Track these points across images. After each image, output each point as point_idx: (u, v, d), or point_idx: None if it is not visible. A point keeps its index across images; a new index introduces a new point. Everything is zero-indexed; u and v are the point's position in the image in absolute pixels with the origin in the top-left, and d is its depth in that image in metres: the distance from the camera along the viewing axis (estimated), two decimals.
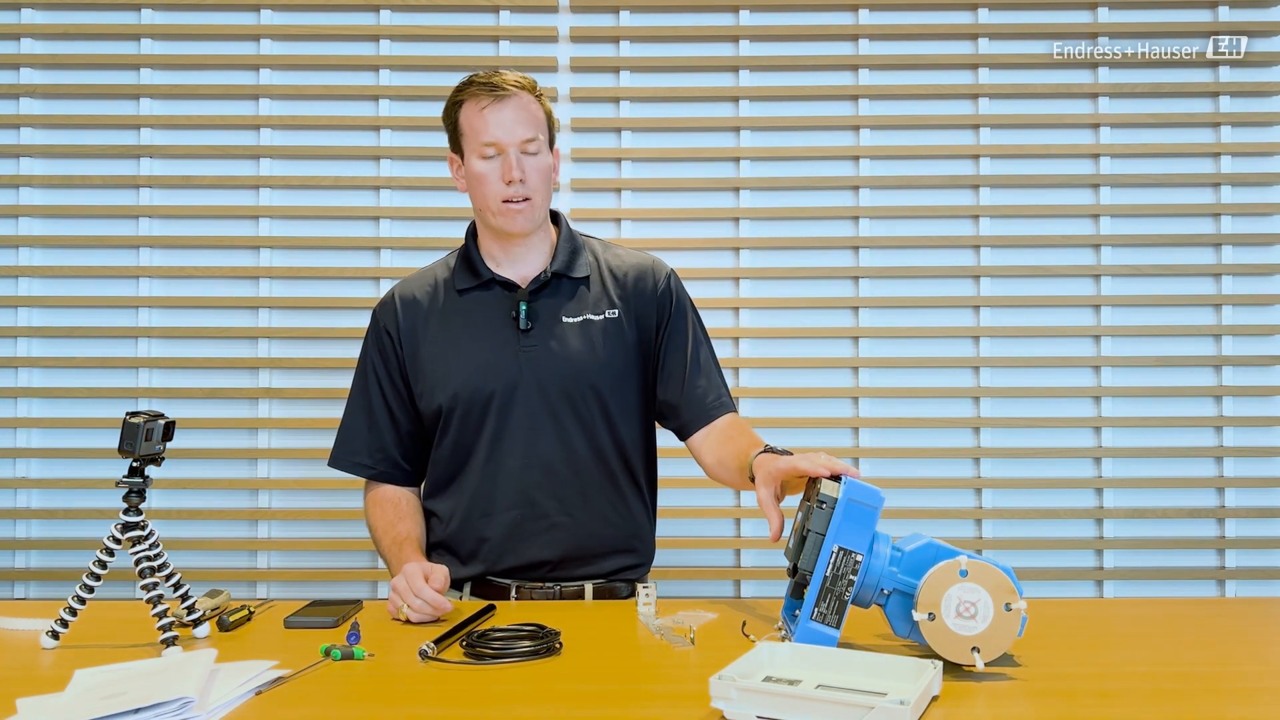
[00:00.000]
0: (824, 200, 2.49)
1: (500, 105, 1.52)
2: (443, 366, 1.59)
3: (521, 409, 1.56)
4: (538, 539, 1.57)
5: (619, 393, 1.60)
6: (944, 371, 2.46)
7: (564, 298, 1.60)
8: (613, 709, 0.99)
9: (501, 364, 1.56)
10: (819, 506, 1.11)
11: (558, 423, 1.57)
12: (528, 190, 1.54)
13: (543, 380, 1.56)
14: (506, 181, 1.52)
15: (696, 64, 2.50)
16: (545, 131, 1.58)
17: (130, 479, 1.22)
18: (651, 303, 1.63)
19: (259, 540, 2.43)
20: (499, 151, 1.53)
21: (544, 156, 1.57)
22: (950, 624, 1.07)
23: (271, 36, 2.49)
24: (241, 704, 0.99)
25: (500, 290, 1.61)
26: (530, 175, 1.53)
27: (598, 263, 1.65)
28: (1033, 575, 2.40)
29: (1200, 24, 2.47)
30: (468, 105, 1.55)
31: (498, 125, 1.52)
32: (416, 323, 1.63)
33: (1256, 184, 2.48)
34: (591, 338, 1.58)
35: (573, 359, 1.57)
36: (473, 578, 1.61)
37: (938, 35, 2.50)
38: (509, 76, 1.55)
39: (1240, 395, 2.44)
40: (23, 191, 2.47)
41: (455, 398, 1.57)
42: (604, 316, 1.60)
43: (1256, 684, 1.08)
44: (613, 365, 1.59)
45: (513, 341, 1.57)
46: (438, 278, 1.66)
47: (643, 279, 1.64)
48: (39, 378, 2.46)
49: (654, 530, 1.71)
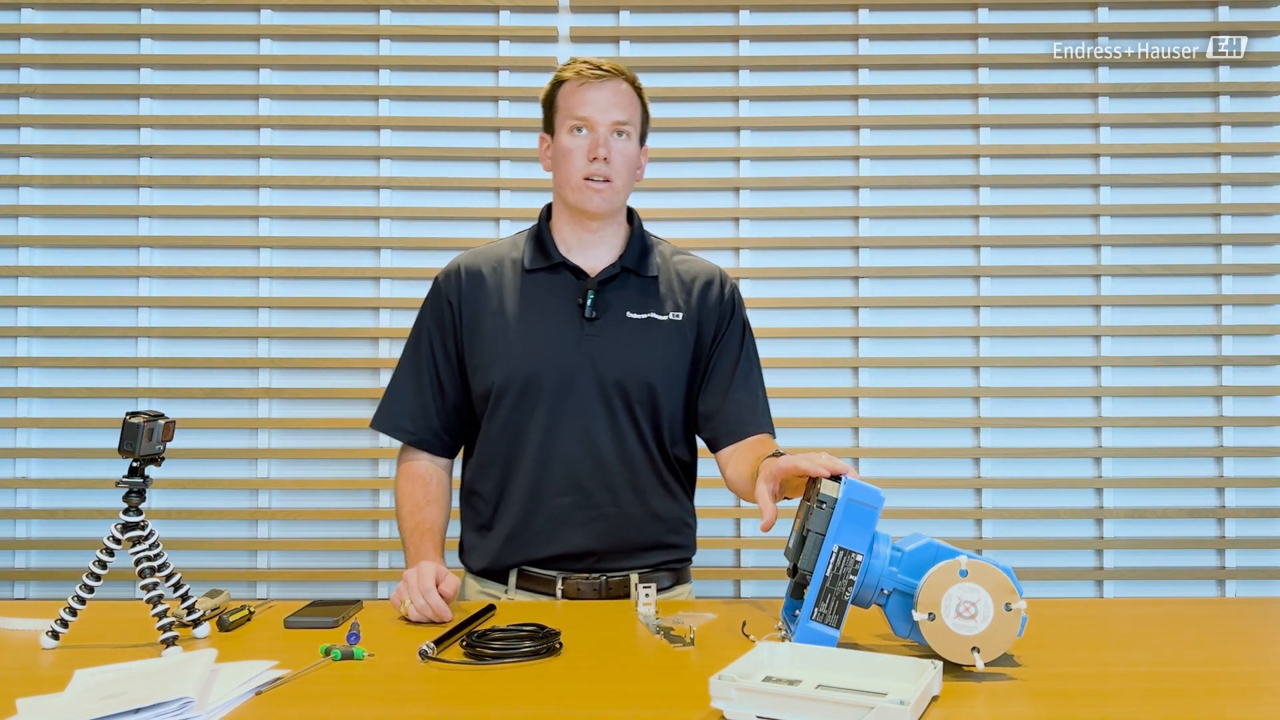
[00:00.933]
0: (824, 200, 2.49)
1: (599, 84, 1.54)
2: (502, 344, 1.58)
3: (578, 397, 1.55)
4: (585, 527, 1.56)
5: (673, 393, 1.60)
6: (944, 371, 2.46)
7: (631, 293, 1.60)
8: (613, 709, 0.99)
9: (563, 349, 1.56)
10: (819, 506, 1.11)
11: (612, 415, 1.56)
12: (610, 171, 1.54)
13: (601, 371, 1.56)
14: (590, 159, 1.53)
15: (696, 64, 2.50)
16: (639, 122, 1.59)
17: (130, 479, 1.22)
18: (714, 311, 1.63)
19: (259, 540, 2.43)
20: (589, 128, 1.54)
21: (633, 144, 1.58)
22: (950, 624, 1.07)
23: (271, 36, 2.49)
24: (241, 704, 0.99)
25: (569, 276, 1.60)
26: (615, 158, 1.54)
27: (667, 264, 1.66)
28: (1033, 575, 2.40)
29: (1200, 24, 2.47)
30: (568, 83, 1.57)
31: (592, 103, 1.53)
32: (479, 296, 1.61)
33: (1256, 184, 2.48)
34: (654, 337, 1.58)
35: (633, 355, 1.57)
36: (517, 564, 1.59)
37: (938, 35, 2.50)
38: (612, 62, 1.58)
39: (1240, 395, 2.45)
40: (23, 191, 2.47)
41: (512, 377, 1.56)
42: (668, 318, 1.60)
43: (1256, 684, 1.08)
44: (672, 367, 1.59)
45: (576, 329, 1.57)
46: (505, 255, 1.65)
47: (709, 287, 1.64)
48: (39, 378, 2.46)
49: (696, 523, 1.71)
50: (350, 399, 2.44)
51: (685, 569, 1.69)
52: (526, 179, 2.48)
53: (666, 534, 1.62)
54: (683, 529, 1.65)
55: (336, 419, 2.44)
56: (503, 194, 2.49)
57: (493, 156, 2.49)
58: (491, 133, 2.50)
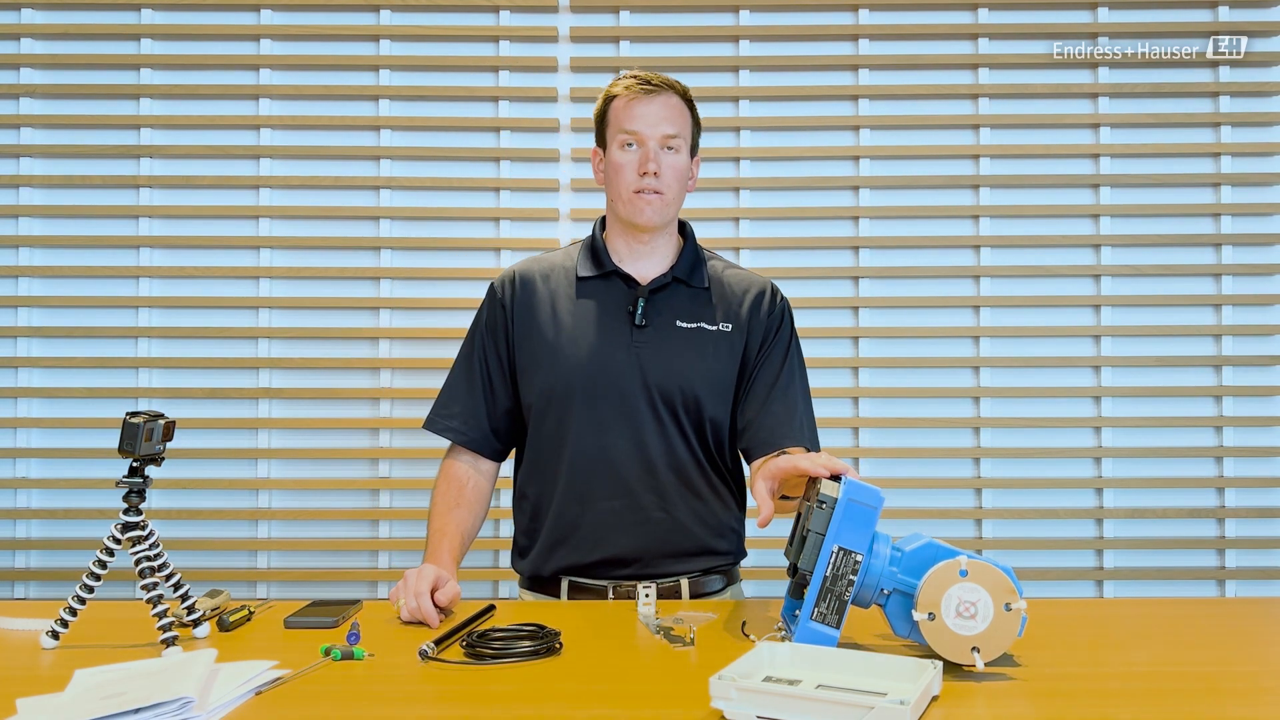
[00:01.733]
0: (824, 200, 2.49)
1: (649, 99, 1.56)
2: (553, 349, 1.59)
3: (627, 403, 1.57)
4: (633, 531, 1.57)
5: (720, 401, 1.60)
6: (944, 371, 2.46)
7: (682, 302, 1.62)
8: (613, 709, 0.99)
9: (612, 356, 1.57)
10: (819, 506, 1.11)
11: (659, 421, 1.57)
12: (661, 185, 1.56)
13: (649, 378, 1.57)
14: (641, 173, 1.55)
15: (696, 64, 2.50)
16: (689, 134, 1.61)
17: (130, 479, 1.22)
18: (762, 323, 1.64)
19: (259, 540, 2.43)
20: (639, 143, 1.56)
21: (683, 157, 1.60)
22: (950, 624, 1.07)
23: (271, 36, 2.49)
24: (241, 704, 0.99)
25: (620, 284, 1.62)
26: (665, 171, 1.56)
27: (719, 277, 1.67)
28: (1033, 575, 2.40)
29: (1200, 24, 2.47)
30: (619, 98, 1.59)
31: (642, 118, 1.56)
32: (533, 302, 1.63)
33: (1256, 184, 2.48)
34: (703, 347, 1.59)
35: (681, 363, 1.57)
36: (565, 569, 1.60)
37: (938, 35, 2.50)
38: (661, 77, 1.60)
39: (1240, 395, 2.45)
40: (23, 191, 2.47)
41: (561, 380, 1.58)
42: (718, 328, 1.61)
43: (1256, 684, 1.08)
44: (719, 376, 1.60)
45: (626, 336, 1.58)
46: (559, 263, 1.68)
47: (760, 298, 1.65)
48: (39, 378, 2.46)
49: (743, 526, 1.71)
50: (350, 399, 2.44)
51: (734, 571, 1.70)
52: (527, 179, 2.48)
53: (713, 539, 1.62)
54: (729, 534, 1.65)
55: (336, 419, 2.44)
56: (503, 194, 2.49)
57: (493, 156, 2.49)
58: (491, 133, 2.50)
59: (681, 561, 1.59)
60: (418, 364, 2.45)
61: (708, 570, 1.62)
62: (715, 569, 1.64)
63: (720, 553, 1.63)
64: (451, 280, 2.47)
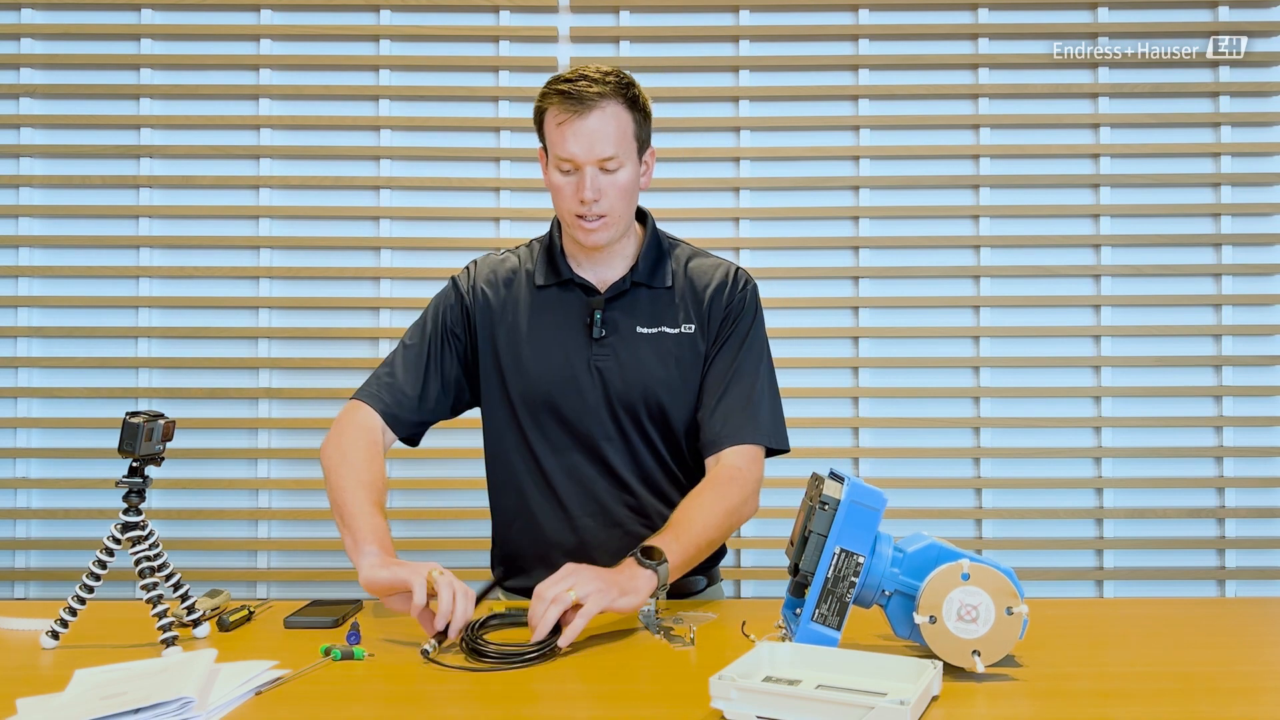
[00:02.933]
0: (824, 200, 2.49)
1: (579, 120, 1.43)
2: (515, 362, 1.56)
3: (592, 417, 1.54)
4: (611, 546, 1.53)
5: (684, 409, 1.56)
6: (944, 371, 2.46)
7: (642, 306, 1.57)
8: (613, 709, 0.99)
9: (573, 369, 1.54)
10: (821, 508, 1.11)
11: (624, 435, 1.55)
12: (602, 209, 1.47)
13: (611, 390, 1.54)
14: (580, 200, 1.46)
15: (696, 64, 2.50)
16: (630, 142, 1.48)
17: (130, 479, 1.22)
18: (719, 316, 1.58)
19: (259, 540, 2.43)
20: (575, 168, 1.46)
21: (624, 172, 1.48)
22: (951, 627, 1.07)
23: (271, 36, 2.49)
24: (241, 704, 0.99)
25: (579, 292, 1.57)
26: (607, 193, 1.46)
27: (682, 271, 1.61)
28: (1033, 575, 2.40)
29: (1200, 24, 2.47)
30: (549, 115, 1.47)
31: (574, 142, 1.43)
32: (495, 306, 1.59)
33: (1256, 184, 2.48)
34: (664, 352, 1.55)
35: (642, 372, 1.54)
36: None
37: (938, 35, 2.50)
38: (593, 82, 1.44)
39: (1240, 395, 2.44)
40: (23, 191, 2.47)
41: (523, 399, 1.55)
42: (679, 331, 1.57)
43: (1256, 684, 1.08)
44: (684, 382, 1.55)
45: (585, 348, 1.55)
46: (519, 267, 1.63)
47: (719, 292, 1.59)
48: (39, 378, 2.46)
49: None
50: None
51: (715, 570, 1.67)
52: (526, 179, 2.48)
53: None
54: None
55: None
56: (503, 194, 2.49)
57: (493, 156, 2.49)
58: (491, 133, 2.50)
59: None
60: None
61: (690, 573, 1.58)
62: (696, 570, 1.60)
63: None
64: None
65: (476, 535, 2.43)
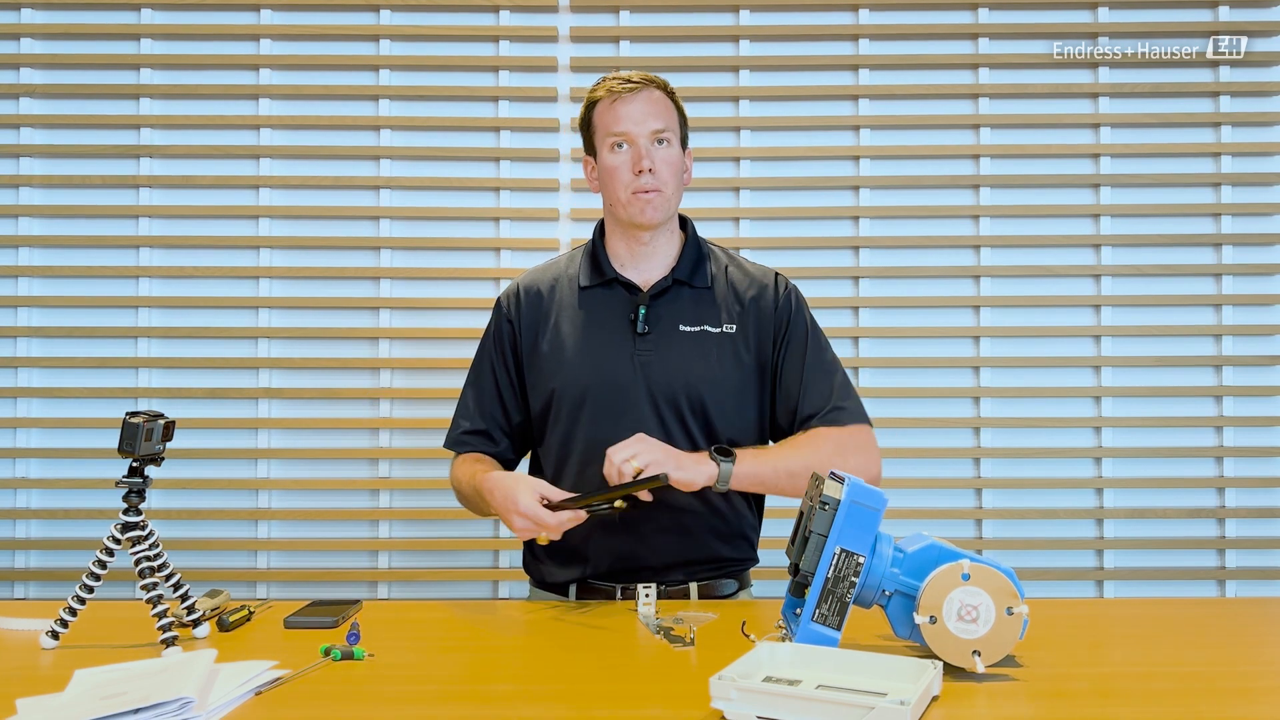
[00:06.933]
0: (824, 200, 2.49)
1: (630, 98, 1.55)
2: (558, 360, 1.59)
3: (633, 412, 1.56)
4: (647, 541, 1.55)
5: (725, 406, 1.58)
6: (944, 371, 2.46)
7: (685, 305, 1.60)
8: (613, 709, 0.99)
9: (617, 365, 1.57)
10: (821, 508, 1.11)
11: (666, 431, 1.56)
12: (658, 181, 1.55)
13: (653, 385, 1.56)
14: (636, 172, 1.54)
15: (696, 64, 2.50)
16: (676, 127, 1.60)
17: (130, 479, 1.22)
18: (770, 319, 1.62)
19: (259, 540, 2.43)
20: (629, 143, 1.55)
21: (675, 149, 1.58)
22: (951, 627, 1.07)
23: (271, 36, 2.49)
24: (241, 704, 0.99)
25: (622, 291, 1.61)
26: (660, 167, 1.55)
27: (723, 274, 1.65)
28: (1033, 575, 2.40)
29: (1200, 24, 2.47)
30: (601, 102, 1.58)
31: (627, 117, 1.54)
32: (538, 315, 1.64)
33: (1256, 184, 2.48)
34: (706, 350, 1.58)
35: (685, 368, 1.56)
36: (577, 580, 1.59)
37: (938, 35, 2.50)
38: (640, 73, 1.59)
39: (1240, 395, 2.44)
40: (23, 191, 2.47)
41: (567, 392, 1.58)
42: (721, 330, 1.60)
43: (1256, 684, 1.08)
44: (724, 380, 1.58)
45: (629, 344, 1.58)
46: (562, 273, 1.68)
47: (763, 295, 1.62)
48: (39, 378, 2.46)
49: (759, 533, 1.71)
50: (350, 399, 2.44)
51: (745, 574, 1.69)
52: (526, 179, 2.48)
53: (725, 547, 1.62)
54: (739, 541, 1.65)
55: (336, 419, 2.44)
56: (503, 194, 2.49)
57: (493, 156, 2.49)
58: (491, 133, 2.50)
59: (692, 569, 1.59)
60: (418, 364, 2.45)
61: (718, 575, 1.62)
62: (727, 573, 1.63)
63: (732, 559, 1.63)
64: (451, 280, 2.47)
65: (477, 535, 2.43)
